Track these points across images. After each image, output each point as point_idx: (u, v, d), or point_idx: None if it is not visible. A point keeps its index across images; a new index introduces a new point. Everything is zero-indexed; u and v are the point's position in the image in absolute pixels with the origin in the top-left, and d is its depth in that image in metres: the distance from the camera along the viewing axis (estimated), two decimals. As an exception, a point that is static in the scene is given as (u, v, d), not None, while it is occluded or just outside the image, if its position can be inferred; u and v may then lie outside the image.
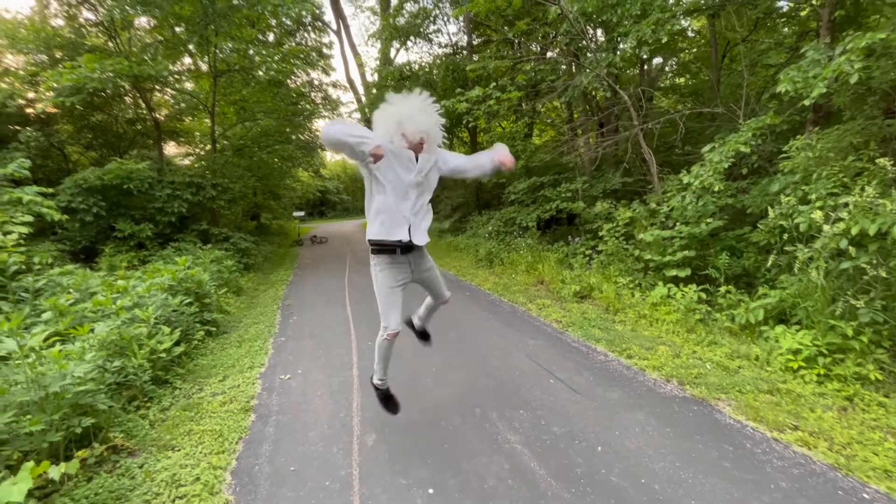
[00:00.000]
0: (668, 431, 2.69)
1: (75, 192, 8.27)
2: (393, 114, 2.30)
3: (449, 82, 11.62)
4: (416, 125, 2.29)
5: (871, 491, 2.10)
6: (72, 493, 2.31)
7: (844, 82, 3.69)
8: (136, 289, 4.57)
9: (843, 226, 3.30)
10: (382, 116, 2.33)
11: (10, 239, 4.86)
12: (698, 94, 9.39)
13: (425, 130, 2.32)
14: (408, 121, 2.27)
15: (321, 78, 19.36)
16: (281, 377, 3.89)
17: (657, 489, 2.19)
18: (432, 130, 2.35)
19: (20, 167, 5.90)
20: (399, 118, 2.28)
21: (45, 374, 2.58)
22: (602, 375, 3.53)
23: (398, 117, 2.28)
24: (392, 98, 2.35)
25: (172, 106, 13.34)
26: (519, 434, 2.75)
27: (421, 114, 2.30)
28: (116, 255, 7.98)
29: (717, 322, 4.22)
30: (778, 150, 4.84)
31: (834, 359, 3.17)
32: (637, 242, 5.80)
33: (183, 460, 2.65)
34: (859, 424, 2.63)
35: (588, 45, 7.79)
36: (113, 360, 3.32)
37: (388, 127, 2.30)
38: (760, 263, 4.53)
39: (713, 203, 5.04)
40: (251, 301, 7.10)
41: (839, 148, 4.20)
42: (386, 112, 2.32)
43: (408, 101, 2.32)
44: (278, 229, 19.07)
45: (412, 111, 2.29)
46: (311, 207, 32.35)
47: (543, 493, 2.22)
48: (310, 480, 2.44)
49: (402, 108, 2.29)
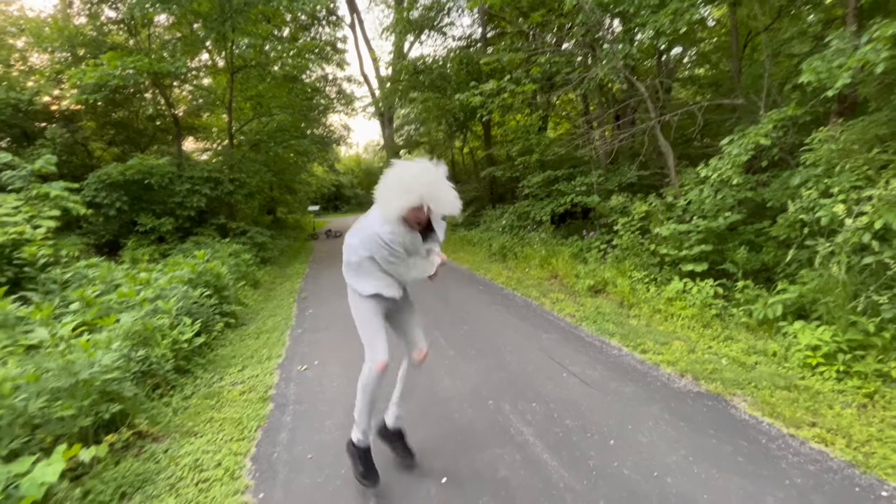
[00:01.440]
0: (682, 426, 2.69)
1: (99, 187, 8.50)
2: (411, 188, 1.95)
3: (463, 75, 11.57)
4: (440, 205, 2.02)
5: (889, 488, 2.08)
6: (101, 475, 2.41)
7: (870, 72, 3.58)
8: (158, 281, 4.70)
9: (867, 219, 3.22)
10: (398, 188, 1.98)
11: (39, 232, 5.05)
12: (718, 86, 9.18)
13: (447, 209, 2.06)
14: (433, 200, 1.99)
15: (335, 72, 19.41)
16: (298, 368, 3.98)
17: (670, 482, 2.20)
18: (453, 208, 2.07)
19: (47, 163, 6.10)
20: (421, 195, 1.95)
21: (74, 362, 2.69)
22: (616, 370, 3.53)
23: (420, 193, 1.95)
24: (407, 167, 2.03)
25: (191, 102, 13.57)
26: (531, 426, 2.78)
27: (445, 191, 2.03)
28: (138, 249, 8.19)
29: (734, 317, 4.16)
30: (800, 143, 4.72)
31: (854, 355, 3.11)
32: (653, 237, 5.73)
33: (205, 446, 2.74)
34: (879, 422, 2.58)
35: (604, 37, 7.67)
36: (137, 350, 3.43)
37: (402, 201, 1.96)
38: (780, 258, 4.45)
39: (732, 197, 4.95)
40: (268, 294, 7.23)
41: (864, 140, 4.09)
42: (403, 184, 1.97)
43: (428, 175, 1.99)
44: (294, 223, 19.32)
45: (437, 190, 1.99)
46: (326, 202, 32.60)
47: (555, 484, 2.24)
48: (327, 468, 2.50)
49: (426, 184, 1.96)
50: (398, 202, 1.96)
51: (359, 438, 2.31)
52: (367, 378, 2.21)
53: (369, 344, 2.20)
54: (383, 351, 2.17)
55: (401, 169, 2.03)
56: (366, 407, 2.27)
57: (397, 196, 1.96)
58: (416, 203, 1.96)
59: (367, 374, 2.21)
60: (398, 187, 1.97)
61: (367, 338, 2.21)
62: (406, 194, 1.95)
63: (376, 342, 2.18)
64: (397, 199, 1.96)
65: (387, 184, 2.01)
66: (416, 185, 1.95)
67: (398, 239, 2.08)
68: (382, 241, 2.04)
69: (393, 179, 2.00)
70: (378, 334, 2.20)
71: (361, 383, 2.25)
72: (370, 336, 2.20)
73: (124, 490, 2.34)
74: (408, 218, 2.08)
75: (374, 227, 2.07)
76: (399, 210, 1.98)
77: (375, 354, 2.17)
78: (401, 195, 1.96)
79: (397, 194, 1.97)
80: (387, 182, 2.02)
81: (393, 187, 1.99)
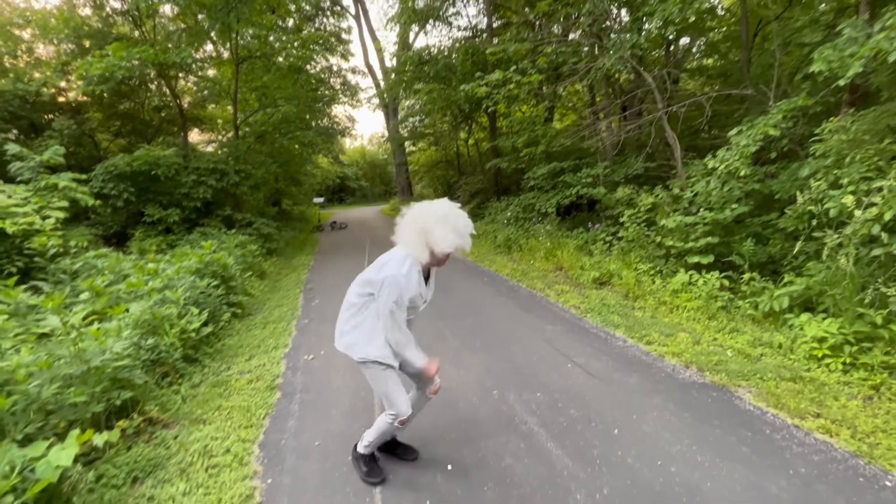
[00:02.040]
0: (686, 416, 2.70)
1: (106, 178, 8.55)
2: (463, 235, 1.94)
3: (468, 66, 11.47)
4: (464, 244, 1.96)
5: (894, 479, 2.08)
6: (113, 460, 2.46)
7: (883, 61, 3.52)
8: (166, 271, 4.75)
9: (876, 211, 3.19)
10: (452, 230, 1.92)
11: (49, 223, 5.10)
12: (727, 76, 9.06)
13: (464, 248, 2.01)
14: (463, 239, 1.94)
15: (340, 63, 19.36)
16: (304, 357, 4.02)
17: (673, 471, 2.22)
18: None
19: (55, 154, 6.15)
20: (456, 240, 1.92)
21: (86, 350, 2.74)
22: (620, 361, 3.54)
23: (454, 238, 1.91)
24: (454, 211, 1.98)
25: (196, 93, 13.58)
26: (536, 416, 2.80)
27: (467, 231, 1.97)
28: (146, 240, 8.27)
29: (740, 309, 4.15)
30: (810, 133, 4.67)
31: (861, 347, 3.10)
32: (659, 229, 5.71)
33: (214, 433, 2.79)
34: (885, 413, 2.58)
35: (611, 26, 7.58)
36: (147, 339, 3.48)
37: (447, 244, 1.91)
38: (787, 250, 4.42)
39: (739, 188, 4.91)
40: (274, 285, 7.29)
41: (875, 130, 4.03)
42: (458, 229, 1.93)
43: (456, 217, 1.95)
44: (299, 215, 19.36)
45: (462, 228, 1.95)
46: (331, 193, 32.66)
47: (560, 472, 2.27)
48: (333, 455, 2.54)
49: (456, 225, 1.93)
50: (447, 244, 1.90)
51: (364, 448, 2.33)
52: (388, 428, 2.19)
53: (391, 401, 2.11)
54: (406, 405, 2.12)
55: (450, 210, 1.96)
56: (379, 440, 2.29)
57: (448, 237, 1.90)
58: (455, 251, 1.95)
59: (389, 425, 2.16)
60: (453, 233, 1.91)
61: (387, 395, 2.11)
62: (458, 240, 1.92)
63: (398, 399, 2.10)
64: (447, 240, 1.90)
65: (436, 223, 1.91)
66: (466, 232, 1.95)
67: (419, 283, 2.04)
68: (412, 281, 1.98)
69: (443, 221, 1.91)
70: (397, 389, 2.11)
71: (380, 427, 2.22)
72: (390, 393, 2.10)
73: (136, 474, 2.39)
74: (431, 262, 2.03)
75: (401, 269, 1.97)
76: (445, 250, 1.92)
77: (399, 410, 2.10)
78: (454, 239, 1.91)
79: (450, 237, 1.90)
80: (430, 220, 1.92)
81: (445, 228, 1.90)
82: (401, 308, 1.98)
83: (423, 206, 2.00)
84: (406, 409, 2.12)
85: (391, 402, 2.11)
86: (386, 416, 2.17)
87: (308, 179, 19.60)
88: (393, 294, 1.93)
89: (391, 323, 1.98)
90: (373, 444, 2.30)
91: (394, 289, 1.93)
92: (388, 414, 2.16)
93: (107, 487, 2.27)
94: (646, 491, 2.10)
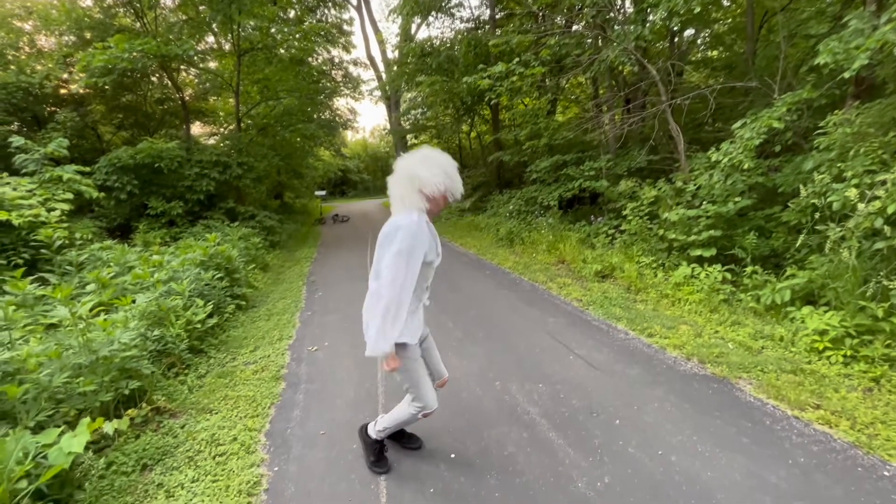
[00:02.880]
0: (687, 407, 2.73)
1: (110, 170, 8.58)
2: (450, 173, 1.92)
3: (471, 58, 11.42)
4: (452, 182, 1.93)
5: (892, 469, 2.11)
6: (122, 448, 2.51)
7: (889, 53, 3.50)
8: (171, 263, 4.78)
9: (879, 204, 3.19)
10: (437, 170, 1.89)
11: (54, 215, 5.14)
12: (732, 68, 9.00)
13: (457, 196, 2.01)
14: (450, 178, 1.92)
15: (342, 55, 19.22)
16: (308, 349, 4.06)
17: (674, 461, 2.25)
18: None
19: (59, 146, 6.17)
20: (444, 178, 1.90)
21: (94, 340, 2.78)
22: (622, 353, 3.57)
23: (443, 177, 1.89)
24: (434, 153, 1.94)
25: (197, 85, 13.55)
26: (538, 406, 2.83)
27: (452, 167, 1.95)
28: (150, 232, 8.31)
29: (742, 302, 4.17)
30: (814, 126, 4.64)
31: (862, 340, 3.11)
32: (661, 222, 5.71)
33: (221, 422, 2.83)
34: (884, 405, 2.60)
35: (615, 17, 7.52)
36: (153, 330, 3.52)
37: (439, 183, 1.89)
38: (789, 244, 4.42)
39: (742, 181, 4.90)
40: (277, 277, 7.32)
41: (880, 123, 4.01)
42: (441, 166, 1.90)
43: (437, 156, 1.93)
44: (301, 208, 19.39)
45: (447, 165, 1.92)
46: (333, 186, 32.63)
47: (561, 460, 2.30)
48: (338, 444, 2.58)
49: (440, 162, 1.91)
50: (435, 182, 1.87)
51: (378, 433, 2.31)
52: (408, 418, 2.16)
53: (418, 394, 2.07)
54: (434, 399, 2.09)
55: (430, 153, 1.93)
56: (394, 429, 2.27)
57: (436, 177, 1.87)
58: (446, 190, 1.92)
59: (411, 415, 2.14)
60: (437, 169, 1.88)
61: (415, 387, 2.07)
62: (447, 179, 1.90)
63: (426, 391, 2.07)
64: (435, 179, 1.87)
65: (419, 166, 1.89)
66: (452, 170, 1.92)
67: (432, 232, 1.99)
68: (424, 230, 1.89)
69: (425, 161, 1.90)
70: (425, 381, 2.08)
71: (399, 416, 2.19)
72: (417, 385, 2.06)
73: (145, 462, 2.44)
74: (434, 207, 1.98)
75: (411, 218, 1.89)
76: (437, 189, 1.88)
77: (427, 403, 2.08)
78: (442, 178, 1.88)
79: (438, 176, 1.88)
80: (414, 166, 1.90)
81: (430, 168, 1.88)
82: (414, 260, 1.83)
83: (405, 157, 1.95)
84: (433, 402, 2.09)
85: (419, 394, 2.06)
86: (411, 406, 2.13)
87: (310, 172, 19.61)
88: (406, 240, 1.81)
89: (403, 267, 1.81)
90: (387, 431, 2.27)
91: (407, 236, 1.82)
92: (413, 405, 2.12)
93: (117, 474, 2.32)
94: (646, 480, 2.13)
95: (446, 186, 1.91)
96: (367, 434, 2.37)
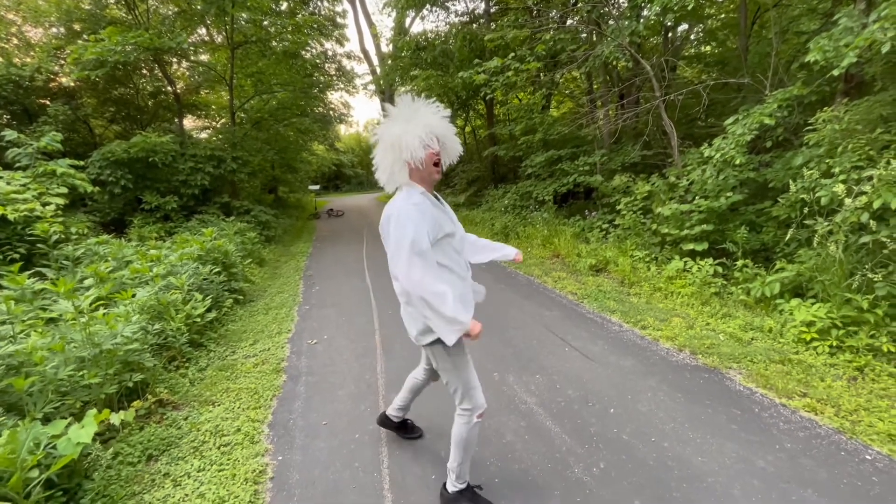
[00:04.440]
0: (679, 396, 2.81)
1: (103, 164, 8.51)
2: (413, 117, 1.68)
3: (466, 53, 11.40)
4: (449, 140, 1.77)
5: (873, 453, 2.21)
6: (127, 439, 2.55)
7: (877, 52, 3.58)
8: (169, 258, 4.79)
9: (866, 199, 3.29)
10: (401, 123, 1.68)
11: (49, 210, 5.11)
12: (724, 64, 9.07)
13: (455, 148, 1.83)
14: (432, 121, 1.70)
15: (335, 49, 19.08)
16: (308, 342, 4.10)
17: (666, 447, 2.33)
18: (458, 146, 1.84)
19: (52, 140, 6.12)
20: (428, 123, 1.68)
21: (97, 333, 2.80)
22: (616, 344, 3.65)
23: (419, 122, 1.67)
24: (389, 113, 1.74)
25: (190, 78, 13.41)
26: (535, 396, 2.91)
27: (428, 109, 1.73)
28: (145, 227, 8.27)
29: (733, 295, 4.27)
30: (805, 123, 4.74)
31: (847, 331, 3.22)
32: (655, 216, 5.80)
33: (224, 414, 2.88)
34: (868, 393, 2.71)
35: (610, 13, 7.56)
36: (153, 324, 3.54)
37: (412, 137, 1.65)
38: (779, 238, 4.53)
39: (734, 177, 4.99)
40: (274, 272, 7.34)
41: (868, 120, 4.11)
42: (401, 114, 1.70)
43: (407, 102, 1.73)
44: (296, 203, 19.32)
45: (422, 107, 1.73)
46: (327, 181, 32.50)
47: (558, 448, 2.38)
48: (341, 433, 2.64)
49: (430, 113, 1.72)
50: (417, 132, 1.63)
51: (457, 482, 1.96)
52: (468, 433, 1.84)
53: (467, 392, 1.82)
54: (482, 397, 1.87)
55: (410, 108, 1.70)
56: (467, 457, 1.92)
57: (414, 129, 1.63)
58: (438, 154, 1.71)
59: (469, 427, 1.84)
60: (422, 129, 1.64)
61: (464, 385, 1.82)
62: (427, 125, 1.65)
63: (475, 388, 1.85)
64: (415, 132, 1.62)
65: (390, 129, 1.67)
66: (441, 127, 1.69)
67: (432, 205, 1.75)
68: (423, 209, 1.67)
69: (409, 121, 1.67)
70: (473, 377, 1.85)
71: (460, 439, 1.86)
72: (467, 382, 1.82)
73: (151, 452, 2.48)
74: (425, 175, 1.74)
75: (408, 200, 1.70)
76: (424, 140, 1.64)
77: (477, 401, 1.83)
78: (421, 126, 1.64)
79: (416, 126, 1.63)
80: (389, 128, 1.68)
81: (414, 128, 1.64)
82: (417, 245, 1.61)
83: (386, 120, 1.73)
84: (483, 400, 1.85)
85: (469, 392, 1.81)
86: (461, 416, 1.85)
87: (304, 167, 19.51)
88: (407, 227, 1.61)
89: (406, 261, 1.58)
90: (463, 470, 1.93)
91: (404, 221, 1.62)
92: (462, 410, 1.84)
93: (123, 464, 2.36)
94: (640, 465, 2.21)
95: (433, 132, 1.67)
96: (449, 492, 1.97)
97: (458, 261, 1.84)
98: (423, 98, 1.73)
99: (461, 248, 1.89)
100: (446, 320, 1.62)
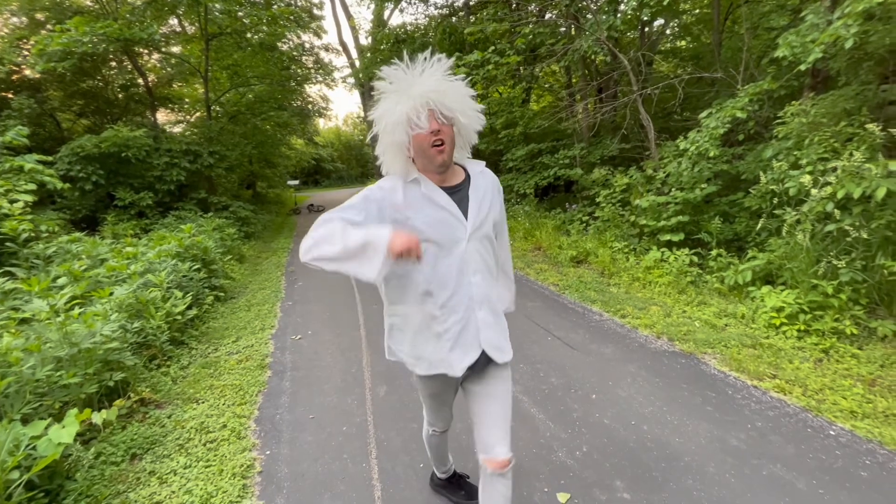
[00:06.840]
0: (657, 381, 2.92)
1: (73, 160, 8.23)
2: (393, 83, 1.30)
3: (446, 46, 11.37)
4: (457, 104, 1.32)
5: (836, 428, 2.34)
6: (109, 438, 2.51)
7: (841, 48, 3.73)
8: (147, 255, 4.69)
9: (830, 189, 3.44)
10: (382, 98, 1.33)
11: (17, 207, 4.94)
12: (699, 59, 9.29)
13: (472, 119, 1.38)
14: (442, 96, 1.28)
15: (313, 41, 18.78)
16: (292, 337, 4.09)
17: (646, 429, 2.42)
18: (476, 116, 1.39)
19: (18, 135, 5.89)
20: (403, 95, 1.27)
21: (74, 333, 2.74)
22: (597, 333, 3.75)
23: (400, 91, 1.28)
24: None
25: (162, 70, 13.01)
26: (519, 385, 2.97)
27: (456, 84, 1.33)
28: (119, 224, 8.04)
29: (708, 284, 4.42)
30: (775, 116, 4.91)
31: (814, 315, 3.38)
32: (633, 208, 5.93)
33: (208, 411, 2.86)
34: (832, 373, 2.86)
35: (588, 7, 7.65)
36: (132, 322, 3.48)
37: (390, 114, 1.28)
38: (751, 228, 4.70)
39: (708, 169, 5.15)
40: (255, 268, 7.24)
41: (833, 114, 4.28)
42: (379, 86, 1.33)
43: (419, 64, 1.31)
44: (275, 198, 19.01)
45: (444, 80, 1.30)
46: (306, 176, 32.02)
47: (543, 433, 2.45)
48: (328, 426, 2.65)
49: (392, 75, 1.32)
50: (399, 107, 1.26)
51: (443, 475, 2.08)
52: (429, 438, 1.90)
53: (428, 418, 1.81)
54: (438, 420, 1.75)
55: (379, 84, 1.34)
56: (432, 456, 2.01)
57: (395, 104, 1.27)
58: (408, 121, 1.26)
59: (425, 433, 1.90)
60: (391, 97, 1.29)
61: (426, 409, 1.78)
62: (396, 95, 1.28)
63: (427, 412, 1.78)
64: (396, 109, 1.26)
65: (376, 111, 1.34)
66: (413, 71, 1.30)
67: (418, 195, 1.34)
68: (394, 195, 1.33)
69: (385, 98, 1.32)
70: (429, 404, 1.71)
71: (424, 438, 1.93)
72: (428, 410, 1.76)
73: (134, 451, 2.45)
74: (419, 152, 1.30)
75: (380, 183, 1.40)
76: (407, 113, 1.25)
77: (429, 420, 1.80)
78: (400, 93, 1.27)
79: (398, 96, 1.27)
80: (375, 111, 1.34)
81: (382, 99, 1.32)
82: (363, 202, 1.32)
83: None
84: (437, 423, 1.80)
85: (426, 413, 1.79)
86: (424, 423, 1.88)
87: (282, 161, 19.20)
88: (355, 199, 1.34)
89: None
90: (433, 462, 2.04)
91: (357, 197, 1.35)
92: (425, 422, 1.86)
93: (106, 464, 2.33)
94: (621, 447, 2.30)
95: (423, 99, 1.25)
96: (439, 478, 2.11)
97: (423, 287, 1.36)
98: (424, 58, 1.31)
99: (448, 273, 1.36)
100: (350, 253, 1.17)
